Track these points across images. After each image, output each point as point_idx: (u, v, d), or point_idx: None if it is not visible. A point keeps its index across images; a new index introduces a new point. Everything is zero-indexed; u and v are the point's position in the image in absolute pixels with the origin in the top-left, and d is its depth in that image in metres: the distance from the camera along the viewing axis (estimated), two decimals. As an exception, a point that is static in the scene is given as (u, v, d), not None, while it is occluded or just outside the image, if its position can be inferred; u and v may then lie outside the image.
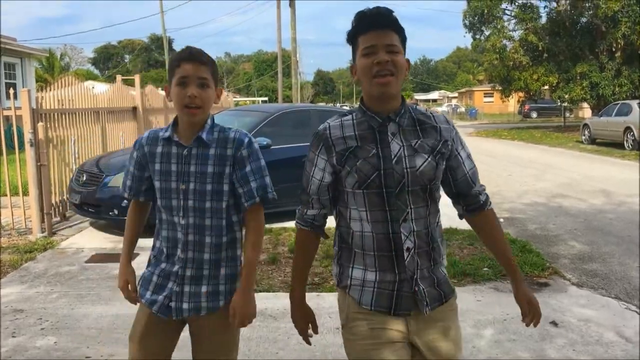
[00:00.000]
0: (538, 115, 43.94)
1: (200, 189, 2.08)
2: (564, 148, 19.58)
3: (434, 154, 1.88)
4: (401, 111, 1.90)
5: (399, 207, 1.84)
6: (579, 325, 4.19)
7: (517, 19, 28.26)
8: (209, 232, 2.10)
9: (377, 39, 1.82)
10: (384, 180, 1.83)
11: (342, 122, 1.93)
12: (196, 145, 2.08)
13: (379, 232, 1.85)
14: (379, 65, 1.80)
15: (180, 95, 2.02)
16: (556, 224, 7.70)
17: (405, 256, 1.85)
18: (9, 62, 21.62)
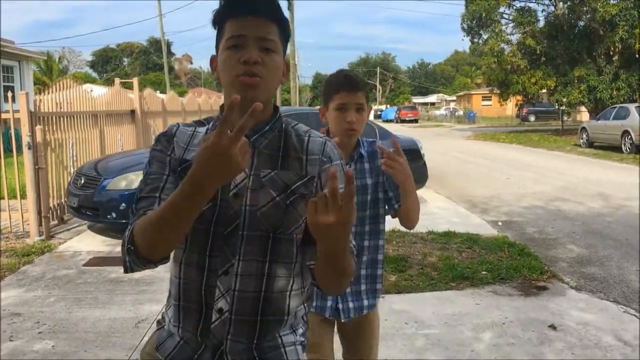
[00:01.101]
0: (536, 119, 43.99)
1: (362, 200, 2.23)
2: (562, 151, 19.60)
3: (288, 193, 1.39)
4: (265, 128, 1.44)
5: (223, 255, 1.38)
6: (578, 328, 4.18)
7: (515, 23, 28.36)
8: (367, 237, 2.27)
9: (244, 27, 1.38)
10: (216, 215, 1.38)
11: (195, 130, 1.49)
12: (354, 160, 2.24)
13: (190, 279, 1.41)
14: (246, 65, 1.36)
15: (340, 119, 2.17)
16: (554, 227, 7.70)
17: (213, 318, 1.39)
18: (7, 65, 21.61)
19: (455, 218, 8.17)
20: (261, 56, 1.37)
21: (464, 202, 9.62)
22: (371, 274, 2.31)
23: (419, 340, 3.97)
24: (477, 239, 6.71)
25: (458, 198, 9.98)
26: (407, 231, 7.09)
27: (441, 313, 4.48)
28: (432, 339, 3.99)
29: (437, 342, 3.94)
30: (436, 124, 49.99)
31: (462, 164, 15.89)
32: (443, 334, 4.08)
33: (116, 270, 5.69)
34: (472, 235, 6.86)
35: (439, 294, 4.96)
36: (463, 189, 11.16)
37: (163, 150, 1.46)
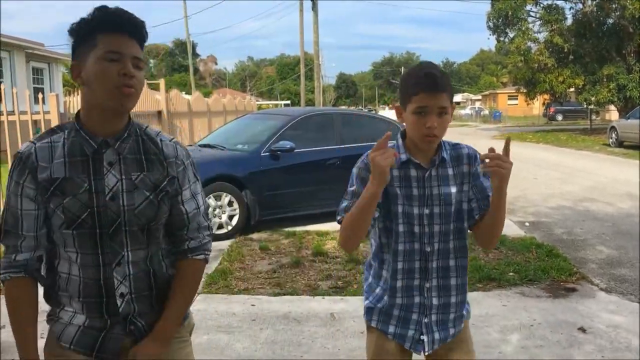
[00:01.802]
0: (563, 118, 43.36)
1: (445, 211, 1.96)
2: (591, 151, 19.29)
3: (157, 191, 1.64)
4: (124, 134, 1.62)
5: (113, 249, 1.60)
6: (608, 331, 4.12)
7: (542, 21, 27.98)
8: (454, 255, 2.02)
9: (124, 46, 1.55)
10: (97, 220, 1.57)
11: (52, 142, 1.60)
12: (437, 165, 1.96)
13: (88, 277, 1.60)
14: (125, 78, 1.54)
15: (418, 124, 1.86)
16: (583, 228, 7.58)
17: (118, 302, 1.63)
18: (37, 67, 22.04)
19: (482, 218, 8.08)
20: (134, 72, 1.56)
21: (490, 202, 9.51)
22: (460, 300, 2.05)
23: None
24: (504, 239, 6.64)
25: (484, 198, 9.87)
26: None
27: (468, 314, 4.44)
28: (458, 340, 3.96)
29: (464, 343, 3.91)
30: (461, 123, 49.59)
31: (488, 163, 15.70)
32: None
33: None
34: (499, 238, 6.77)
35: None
36: (489, 189, 11.03)
37: (17, 180, 1.59)
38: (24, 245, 1.61)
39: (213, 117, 16.29)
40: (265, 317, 4.39)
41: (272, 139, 7.62)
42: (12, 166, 1.60)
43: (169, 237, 1.76)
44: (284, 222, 7.57)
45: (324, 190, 7.73)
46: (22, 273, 1.62)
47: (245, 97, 34.24)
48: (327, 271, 5.59)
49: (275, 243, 6.75)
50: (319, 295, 4.92)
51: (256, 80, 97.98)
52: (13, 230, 1.60)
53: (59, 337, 1.67)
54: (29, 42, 20.61)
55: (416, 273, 1.96)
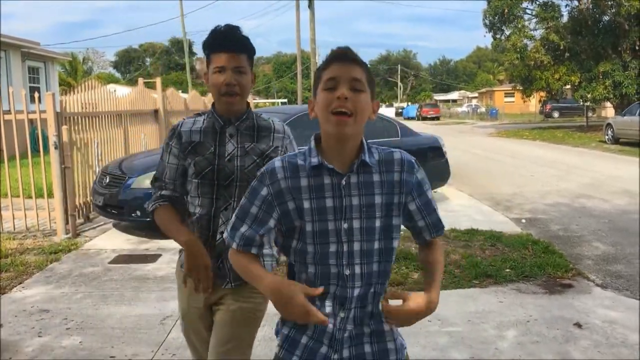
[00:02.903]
0: (560, 115, 43.42)
1: (367, 225, 1.62)
2: (587, 148, 19.34)
3: (263, 157, 2.19)
4: (242, 117, 2.22)
5: (224, 197, 2.18)
6: (604, 326, 4.14)
7: (538, 18, 28.02)
8: (376, 279, 1.65)
9: (229, 60, 2.11)
10: (216, 174, 2.16)
11: (195, 119, 2.26)
12: (357, 171, 1.63)
13: (203, 214, 2.20)
14: (228, 87, 2.12)
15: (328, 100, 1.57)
16: (579, 224, 7.61)
17: (217, 238, 2.18)
18: (33, 66, 21.97)
19: (478, 216, 8.12)
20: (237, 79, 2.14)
21: (487, 199, 9.55)
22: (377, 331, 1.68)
23: (443, 338, 3.96)
24: (500, 236, 6.67)
25: (481, 195, 9.91)
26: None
27: (464, 311, 4.47)
28: (455, 336, 3.98)
29: (461, 339, 3.93)
30: (458, 121, 49.64)
31: (484, 161, 15.77)
32: (466, 332, 4.06)
33: (141, 267, 5.77)
34: (495, 233, 6.81)
35: (462, 291, 4.94)
36: (486, 186, 11.08)
37: (168, 142, 2.27)
38: (167, 186, 2.25)
39: (210, 115, 16.27)
40: (262, 315, 4.39)
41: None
42: (168, 133, 2.28)
43: None
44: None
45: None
46: (167, 202, 2.24)
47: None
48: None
49: (273, 241, 6.75)
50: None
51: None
52: (160, 177, 2.28)
53: (181, 256, 2.30)
54: (24, 41, 20.55)
55: (330, 300, 1.63)
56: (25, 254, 6.38)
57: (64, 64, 37.08)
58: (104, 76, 64.53)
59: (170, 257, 6.09)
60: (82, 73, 43.44)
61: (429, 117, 51.69)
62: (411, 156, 1.70)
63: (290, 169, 1.63)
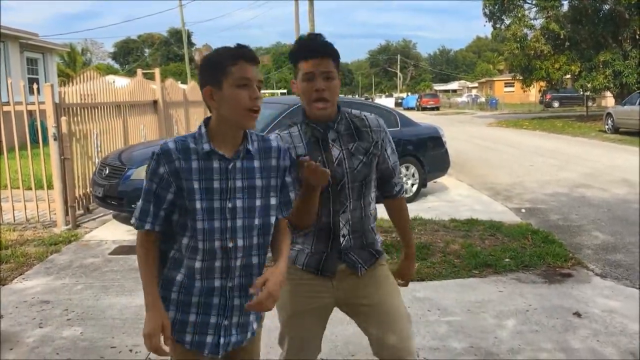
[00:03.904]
0: (560, 105, 43.34)
1: (249, 205, 1.88)
2: (587, 138, 19.32)
3: (367, 155, 2.21)
4: (338, 118, 2.20)
5: (339, 201, 2.18)
6: (603, 316, 4.15)
7: (538, 7, 27.94)
8: (257, 252, 1.93)
9: (316, 66, 2.08)
10: (329, 180, 2.05)
11: (290, 133, 2.21)
12: (241, 157, 1.88)
13: (322, 222, 2.19)
14: (318, 93, 2.08)
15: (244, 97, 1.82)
16: (579, 214, 7.62)
17: (341, 241, 2.22)
18: (31, 57, 21.90)
19: (478, 205, 8.12)
20: (327, 84, 2.09)
21: (486, 189, 9.55)
22: None
23: (442, 327, 3.97)
24: (500, 226, 6.67)
25: (480, 185, 9.91)
26: (430, 219, 7.08)
27: (464, 300, 4.48)
28: (455, 326, 3.99)
29: (460, 329, 3.94)
30: (458, 111, 49.57)
31: (484, 151, 15.76)
32: (466, 321, 4.07)
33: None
34: (495, 223, 6.82)
35: (461, 281, 4.95)
36: (485, 176, 11.08)
37: None
38: None
39: (209, 106, 16.24)
40: (263, 305, 4.40)
41: (268, 127, 7.61)
42: None
43: (381, 187, 2.36)
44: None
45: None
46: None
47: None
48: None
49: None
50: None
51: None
52: None
53: (294, 261, 2.24)
54: (23, 32, 20.46)
55: (216, 272, 1.87)
56: (26, 245, 6.38)
57: (62, 55, 36.94)
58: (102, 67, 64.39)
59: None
60: (80, 64, 43.35)
61: (428, 107, 51.59)
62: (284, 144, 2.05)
63: (183, 151, 1.84)
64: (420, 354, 3.46)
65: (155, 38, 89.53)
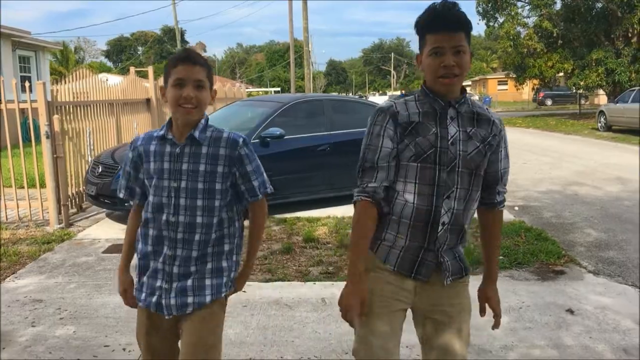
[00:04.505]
0: (553, 103, 43.50)
1: (192, 187, 2.12)
2: (580, 135, 19.40)
3: (485, 143, 2.02)
4: (461, 100, 2.02)
5: (446, 184, 1.97)
6: (596, 312, 4.17)
7: (531, 6, 27.99)
8: (199, 230, 2.13)
9: (446, 41, 1.90)
10: (438, 157, 1.95)
11: (406, 101, 2.04)
12: (189, 143, 2.12)
13: (421, 204, 1.97)
14: (446, 69, 1.91)
15: (176, 95, 2.07)
16: (572, 211, 7.65)
17: (439, 229, 1.99)
18: (23, 55, 21.78)
19: (471, 203, 8.12)
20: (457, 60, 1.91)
21: (480, 187, 9.55)
22: (199, 269, 2.15)
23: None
24: (493, 224, 6.68)
25: (474, 183, 9.91)
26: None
27: (458, 298, 4.47)
28: (448, 323, 3.99)
29: (454, 326, 3.94)
30: (451, 109, 49.59)
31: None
32: (460, 319, 4.07)
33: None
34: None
35: (455, 278, 4.95)
36: (479, 174, 11.08)
37: (380, 124, 2.02)
38: (378, 174, 1.99)
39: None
40: (256, 303, 4.41)
41: (261, 125, 7.60)
42: (375, 115, 2.04)
43: (484, 190, 2.11)
44: (274, 209, 7.56)
45: (314, 176, 7.74)
46: (370, 198, 1.98)
47: (235, 84, 34.08)
48: (318, 257, 5.61)
49: (266, 230, 6.75)
50: (309, 281, 4.94)
51: (246, 67, 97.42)
52: (370, 165, 2.00)
53: (385, 259, 2.05)
54: (15, 30, 20.34)
55: (164, 242, 2.15)
56: (18, 244, 6.35)
57: (55, 53, 36.77)
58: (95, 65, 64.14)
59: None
60: (73, 62, 43.15)
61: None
62: (239, 136, 2.18)
63: (147, 138, 2.20)
64: (413, 350, 3.47)
65: (149, 36, 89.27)
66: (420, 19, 1.98)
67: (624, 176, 10.24)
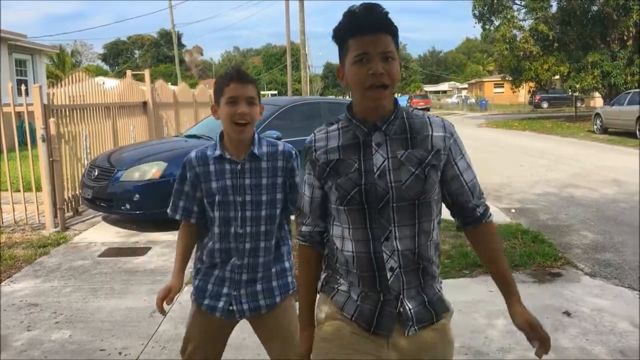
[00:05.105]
0: (549, 106, 43.60)
1: (257, 199, 2.27)
2: (576, 138, 19.44)
3: (423, 166, 1.70)
4: (391, 117, 1.73)
5: (381, 225, 1.69)
6: (592, 315, 4.17)
7: (527, 9, 28.06)
8: (264, 238, 2.29)
9: (372, 44, 1.64)
10: (365, 196, 1.68)
11: (328, 132, 1.82)
12: (249, 159, 2.27)
13: (360, 251, 1.72)
14: (374, 77, 1.64)
15: (231, 112, 2.19)
16: (568, 214, 7.66)
17: (388, 276, 1.71)
18: (20, 58, 21.75)
19: (468, 206, 8.13)
20: (386, 67, 1.67)
21: (476, 189, 9.56)
22: (265, 274, 2.32)
23: (433, 328, 3.97)
24: (490, 226, 6.68)
25: (471, 186, 9.92)
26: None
27: (454, 300, 4.40)
28: (445, 326, 3.99)
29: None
30: (448, 112, 49.72)
31: (474, 151, 15.75)
32: (456, 321, 4.04)
33: (131, 260, 5.74)
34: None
35: (452, 281, 4.95)
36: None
37: (305, 169, 1.87)
38: (307, 220, 1.90)
39: (199, 108, 16.20)
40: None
41: (258, 128, 7.58)
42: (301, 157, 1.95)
43: (458, 210, 1.85)
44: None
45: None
46: (307, 243, 1.90)
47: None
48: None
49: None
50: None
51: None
52: (299, 207, 1.93)
53: (342, 307, 1.80)
54: (11, 33, 20.33)
55: (232, 253, 2.28)
56: (14, 247, 6.33)
57: (51, 57, 36.74)
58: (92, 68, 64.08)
59: (159, 250, 6.07)
60: (70, 65, 43.10)
61: (419, 108, 51.56)
62: (292, 148, 2.34)
63: (201, 158, 2.30)
64: None
65: (145, 39, 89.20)
66: (340, 24, 1.72)
67: (620, 178, 10.27)
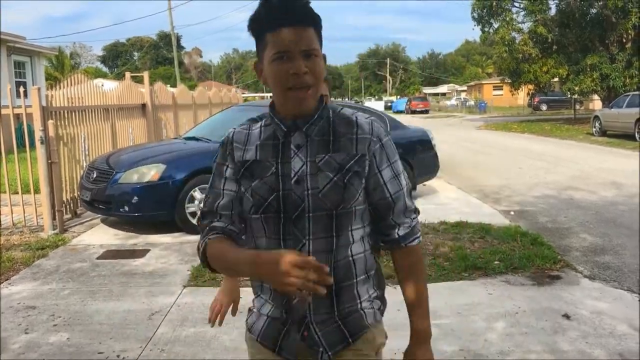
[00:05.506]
0: (548, 108, 43.63)
1: None
2: (575, 140, 19.45)
3: (343, 172, 1.50)
4: (314, 117, 1.53)
5: (295, 237, 1.50)
6: (592, 317, 4.16)
7: (526, 11, 28.07)
8: None
9: (293, 39, 1.44)
10: (282, 204, 1.50)
11: (250, 130, 1.61)
12: None
13: None
14: (296, 78, 1.45)
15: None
16: (567, 216, 7.65)
17: (293, 298, 1.49)
18: (18, 60, 21.74)
19: (467, 208, 8.14)
20: (309, 65, 1.46)
21: (475, 192, 9.58)
22: None
23: (432, 330, 3.95)
24: (489, 228, 6.68)
25: (469, 188, 9.94)
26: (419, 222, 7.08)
27: (454, 303, 4.47)
28: (444, 329, 3.99)
29: (450, 332, 3.94)
30: (447, 114, 49.76)
31: (473, 154, 15.81)
32: (456, 324, 4.07)
33: (129, 263, 5.73)
34: (484, 225, 6.83)
35: (451, 284, 4.95)
36: (474, 179, 11.11)
37: (220, 162, 1.62)
38: (220, 221, 1.60)
39: (198, 110, 16.20)
40: (252, 309, 4.38)
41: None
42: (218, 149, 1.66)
43: (377, 226, 1.63)
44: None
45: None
46: (220, 234, 1.57)
47: (231, 89, 34.07)
48: (314, 262, 5.58)
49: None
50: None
51: (242, 73, 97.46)
52: (211, 209, 1.61)
53: (250, 328, 1.68)
54: (10, 35, 20.33)
55: None
56: (12, 250, 6.32)
57: (50, 59, 36.74)
58: (91, 70, 64.07)
59: (158, 252, 6.06)
60: (69, 67, 43.05)
61: (418, 110, 51.75)
62: None
63: None
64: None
65: (144, 41, 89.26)
66: (256, 14, 1.49)
67: (619, 181, 10.27)
